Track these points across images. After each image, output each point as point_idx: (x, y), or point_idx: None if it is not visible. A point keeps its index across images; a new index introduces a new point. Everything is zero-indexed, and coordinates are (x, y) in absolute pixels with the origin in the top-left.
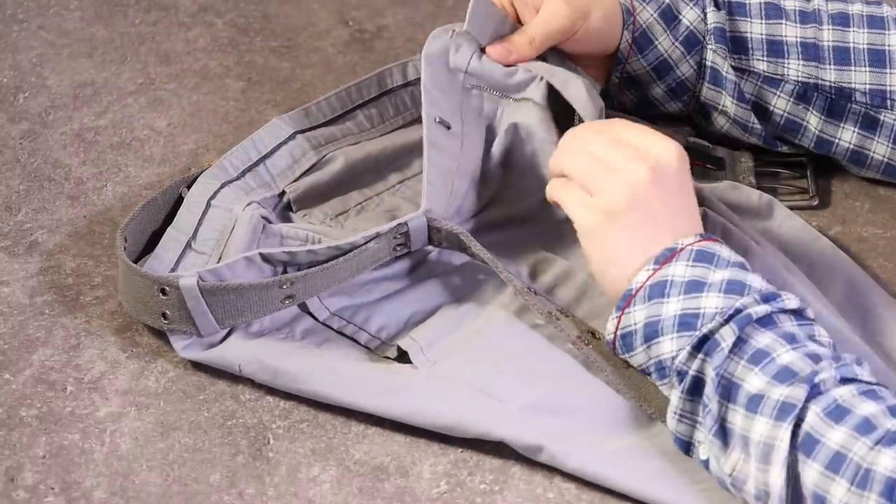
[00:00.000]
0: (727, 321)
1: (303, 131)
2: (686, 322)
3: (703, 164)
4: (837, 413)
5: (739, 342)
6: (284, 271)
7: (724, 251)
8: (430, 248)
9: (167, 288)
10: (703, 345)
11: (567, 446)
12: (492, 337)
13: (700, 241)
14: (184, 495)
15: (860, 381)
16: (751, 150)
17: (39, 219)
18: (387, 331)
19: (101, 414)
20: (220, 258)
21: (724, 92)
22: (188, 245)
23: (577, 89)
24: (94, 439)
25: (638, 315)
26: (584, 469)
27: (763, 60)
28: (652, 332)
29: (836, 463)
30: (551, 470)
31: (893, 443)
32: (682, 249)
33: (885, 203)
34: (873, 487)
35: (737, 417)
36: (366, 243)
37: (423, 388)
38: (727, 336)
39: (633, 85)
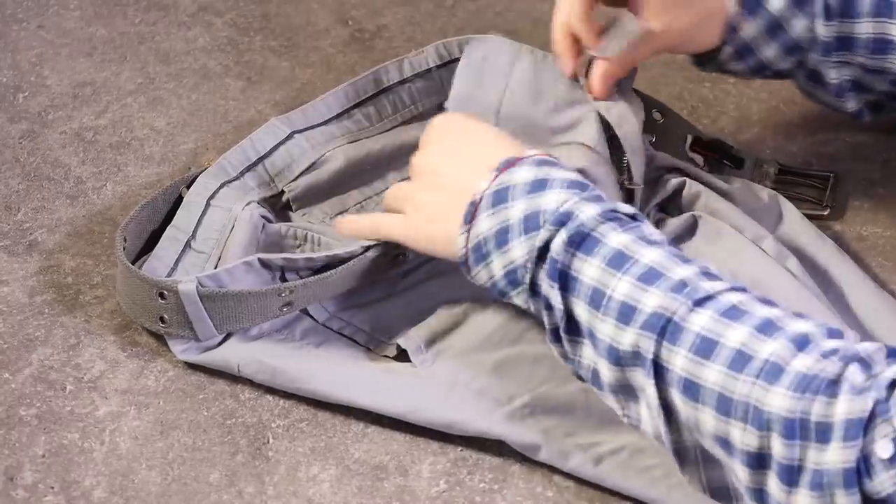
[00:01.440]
0: (538, 261)
1: (301, 131)
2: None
3: (721, 160)
4: (706, 348)
5: (564, 278)
6: (283, 276)
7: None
8: None
9: (166, 292)
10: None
11: (564, 447)
12: (490, 336)
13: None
14: (183, 494)
15: (715, 297)
16: (777, 162)
17: (39, 218)
18: (386, 330)
19: (100, 413)
20: (219, 257)
21: (823, 89)
22: (187, 244)
23: (630, 128)
24: (94, 438)
25: (484, 224)
26: (581, 470)
27: (868, 58)
28: (502, 239)
29: (724, 405)
30: (551, 468)
31: (777, 376)
32: (523, 158)
33: (885, 202)
34: (773, 427)
35: (603, 370)
36: (364, 251)
37: (422, 387)
38: (544, 283)
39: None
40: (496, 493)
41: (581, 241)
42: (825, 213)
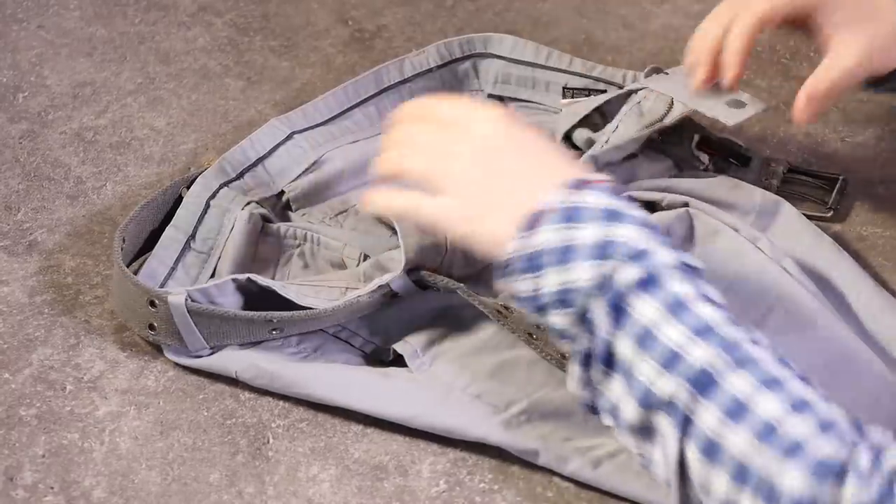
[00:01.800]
0: (601, 290)
1: (301, 131)
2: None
3: (727, 157)
4: (738, 412)
5: (619, 312)
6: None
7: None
8: None
9: (157, 301)
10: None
11: (562, 451)
12: (486, 341)
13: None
14: (183, 494)
15: (758, 363)
16: (787, 161)
17: (39, 218)
18: (381, 335)
19: (100, 413)
20: (219, 257)
21: None
22: (187, 244)
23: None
24: (94, 438)
25: (547, 236)
26: (580, 473)
27: None
28: (566, 257)
29: (742, 473)
30: (550, 469)
31: (796, 455)
32: (593, 182)
33: (885, 202)
34: (781, 502)
35: (628, 409)
36: (357, 298)
37: (419, 392)
38: (600, 311)
39: None
40: (496, 493)
41: (647, 281)
42: (828, 214)
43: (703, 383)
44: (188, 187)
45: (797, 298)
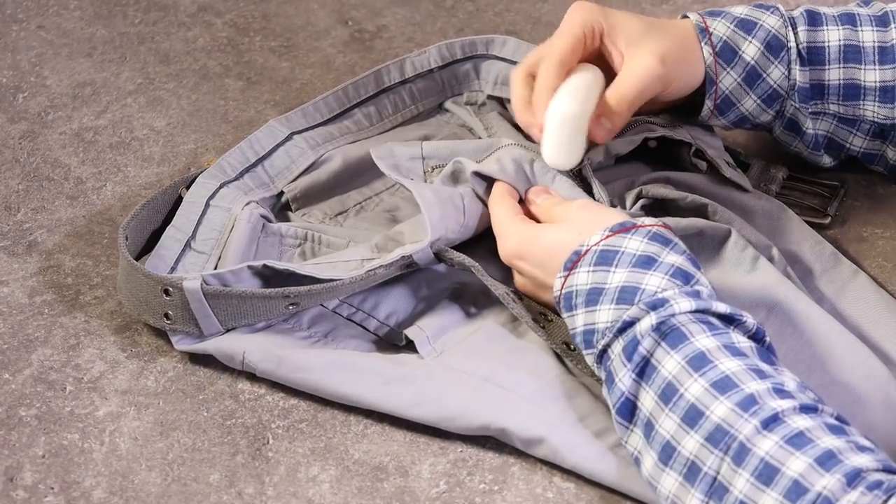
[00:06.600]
0: (618, 334)
1: (300, 132)
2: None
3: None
4: (768, 474)
5: (638, 360)
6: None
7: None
8: None
9: (171, 289)
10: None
11: (570, 437)
12: (497, 327)
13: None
14: (183, 495)
15: (783, 421)
16: (788, 168)
17: (39, 218)
18: (395, 317)
19: (100, 414)
20: (219, 257)
21: (799, 140)
22: (187, 244)
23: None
24: (94, 439)
25: (581, 277)
26: (583, 465)
27: (839, 104)
28: (593, 299)
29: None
30: (550, 469)
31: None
32: (639, 227)
33: (885, 203)
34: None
35: (647, 463)
36: (374, 270)
37: (428, 378)
38: (615, 356)
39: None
40: (496, 493)
41: (668, 333)
42: (825, 221)
43: (729, 446)
44: (188, 187)
45: (796, 304)
